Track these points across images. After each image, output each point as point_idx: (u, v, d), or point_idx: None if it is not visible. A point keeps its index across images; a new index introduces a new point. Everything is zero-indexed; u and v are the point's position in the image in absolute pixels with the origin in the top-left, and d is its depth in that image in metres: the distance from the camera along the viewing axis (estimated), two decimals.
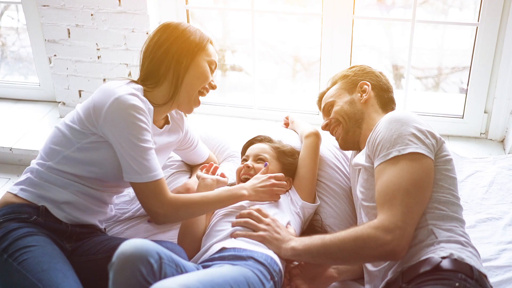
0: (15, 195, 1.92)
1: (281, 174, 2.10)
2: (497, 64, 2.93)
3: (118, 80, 1.99)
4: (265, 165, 2.15)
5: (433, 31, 4.53)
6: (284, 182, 2.10)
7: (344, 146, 2.18)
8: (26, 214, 1.87)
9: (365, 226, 1.66)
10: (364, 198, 1.90)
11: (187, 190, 2.28)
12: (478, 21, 2.88)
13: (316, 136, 2.30)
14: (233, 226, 1.94)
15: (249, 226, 1.92)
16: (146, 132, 1.87)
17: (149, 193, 1.86)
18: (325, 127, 2.21)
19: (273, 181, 2.06)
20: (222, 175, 2.17)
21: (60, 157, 1.94)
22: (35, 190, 1.93)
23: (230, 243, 1.85)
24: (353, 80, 2.18)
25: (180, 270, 1.58)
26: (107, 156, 1.92)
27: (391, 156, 1.73)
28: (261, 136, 2.35)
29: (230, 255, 1.78)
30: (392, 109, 2.17)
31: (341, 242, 1.67)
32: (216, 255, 1.81)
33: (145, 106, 1.89)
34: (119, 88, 1.88)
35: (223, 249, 1.83)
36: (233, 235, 1.89)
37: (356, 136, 2.12)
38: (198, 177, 2.14)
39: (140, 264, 1.44)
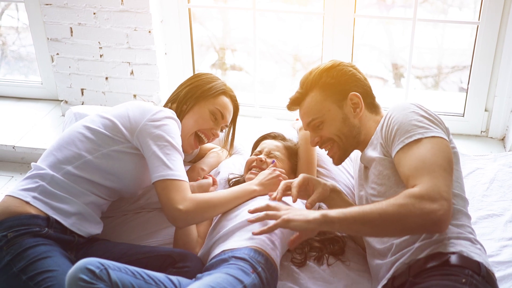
0: (27, 202, 1.86)
1: (282, 170, 2.18)
2: (498, 62, 2.95)
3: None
4: (273, 162, 2.20)
5: (433, 31, 4.55)
6: (285, 175, 2.16)
7: (340, 163, 2.09)
8: (37, 226, 1.83)
9: (406, 195, 1.59)
10: (375, 194, 1.87)
11: (193, 170, 2.37)
12: (478, 19, 2.90)
13: None
14: (249, 221, 1.85)
15: (270, 218, 1.79)
16: (180, 142, 2.02)
17: (175, 189, 1.89)
18: (316, 144, 2.06)
19: (277, 172, 2.14)
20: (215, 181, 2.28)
21: (81, 162, 1.96)
22: (49, 199, 1.89)
23: (223, 246, 1.89)
24: (340, 90, 1.97)
25: (141, 277, 1.62)
26: (129, 168, 2.01)
27: (414, 138, 1.71)
28: (275, 133, 2.39)
29: (217, 260, 1.83)
30: (380, 107, 2.06)
31: (382, 210, 1.59)
32: (208, 264, 1.87)
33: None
34: (157, 106, 2.06)
35: (216, 256, 1.87)
36: (254, 233, 1.82)
37: (354, 148, 2.04)
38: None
39: (80, 273, 1.50)
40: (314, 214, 1.68)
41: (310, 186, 1.99)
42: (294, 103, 2.07)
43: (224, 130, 2.36)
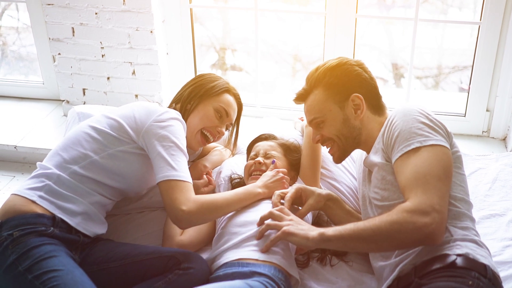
0: (33, 201, 1.87)
1: (284, 170, 2.17)
2: (499, 62, 2.95)
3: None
4: (273, 162, 2.19)
5: (433, 31, 4.56)
6: (287, 177, 2.15)
7: (339, 162, 2.10)
8: (43, 226, 1.83)
9: (398, 210, 1.62)
10: (379, 198, 1.87)
11: (195, 167, 2.36)
12: (480, 19, 2.91)
13: None
14: (257, 239, 1.88)
15: (272, 228, 1.84)
16: (185, 144, 2.03)
17: (178, 190, 1.89)
18: (317, 142, 2.07)
19: (281, 174, 2.13)
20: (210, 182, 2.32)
21: (88, 162, 1.97)
22: (55, 199, 1.90)
23: (237, 253, 1.87)
24: (342, 90, 1.95)
25: None
26: (134, 168, 2.02)
27: (412, 146, 1.71)
28: (265, 134, 2.39)
29: (234, 272, 1.80)
30: (385, 107, 2.04)
31: (376, 227, 1.62)
32: (221, 272, 1.84)
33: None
34: (163, 107, 2.08)
35: (229, 264, 1.85)
36: (262, 252, 1.85)
37: (355, 148, 2.04)
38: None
39: None
40: (313, 232, 1.72)
41: (303, 196, 2.01)
42: (298, 99, 2.09)
43: (228, 129, 2.37)
